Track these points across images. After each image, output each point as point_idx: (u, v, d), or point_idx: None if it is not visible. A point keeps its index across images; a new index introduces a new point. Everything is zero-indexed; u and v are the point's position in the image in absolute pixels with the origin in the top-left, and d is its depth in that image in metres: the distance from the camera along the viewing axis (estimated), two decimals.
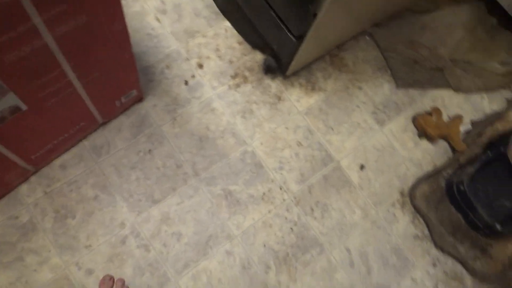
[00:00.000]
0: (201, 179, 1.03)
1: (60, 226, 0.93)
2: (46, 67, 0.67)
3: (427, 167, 1.15)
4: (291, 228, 1.04)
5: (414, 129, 1.18)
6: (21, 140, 0.79)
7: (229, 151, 1.07)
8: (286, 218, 1.04)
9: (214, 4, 1.19)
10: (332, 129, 1.14)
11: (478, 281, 1.07)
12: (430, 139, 1.16)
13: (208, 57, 1.14)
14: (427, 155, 1.16)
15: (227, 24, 1.18)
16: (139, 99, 1.05)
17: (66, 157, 0.98)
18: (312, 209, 1.06)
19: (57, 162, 0.97)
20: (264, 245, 1.01)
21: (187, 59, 1.12)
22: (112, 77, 0.85)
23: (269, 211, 1.04)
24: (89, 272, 0.91)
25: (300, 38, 0.96)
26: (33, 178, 0.95)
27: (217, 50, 1.15)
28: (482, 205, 1.05)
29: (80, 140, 1.00)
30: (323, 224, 1.05)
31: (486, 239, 1.09)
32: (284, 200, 1.05)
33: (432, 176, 1.12)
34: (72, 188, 0.96)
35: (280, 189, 1.06)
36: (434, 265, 1.07)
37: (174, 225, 0.98)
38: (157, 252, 0.95)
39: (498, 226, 1.03)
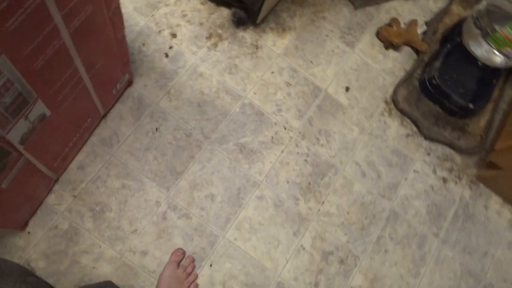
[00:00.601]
0: (213, 141, 1.08)
1: (101, 222, 0.95)
2: (63, 66, 0.67)
3: (400, 73, 1.28)
4: (305, 160, 1.13)
5: (380, 43, 1.29)
6: (45, 148, 0.79)
7: (229, 108, 1.12)
8: (298, 153, 1.13)
9: None
10: (312, 62, 1.22)
11: (465, 156, 1.26)
12: (396, 47, 1.28)
13: (178, 25, 1.15)
14: (397, 63, 1.29)
15: None
16: (130, 83, 1.05)
17: (80, 158, 0.98)
18: (317, 138, 1.16)
19: (73, 165, 0.97)
20: (287, 181, 1.10)
21: (159, 32, 1.13)
22: (111, 64, 0.85)
23: (282, 151, 1.12)
24: (144, 253, 0.96)
25: None
26: (55, 187, 0.95)
27: (184, 15, 1.16)
28: (454, 92, 1.20)
29: (88, 138, 0.99)
30: (330, 148, 1.16)
31: (462, 120, 1.26)
32: (291, 137, 1.14)
33: (406, 79, 1.25)
34: (98, 184, 0.97)
35: (285, 129, 1.14)
36: (428, 154, 1.23)
37: (204, 189, 1.04)
38: (198, 217, 1.01)
39: (470, 105, 1.20)
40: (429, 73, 1.22)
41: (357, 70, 1.25)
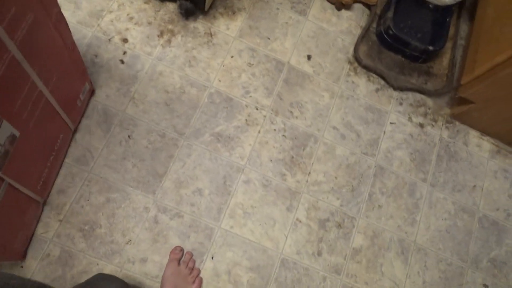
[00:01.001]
0: (188, 136, 1.07)
1: (93, 240, 0.94)
2: (20, 81, 0.65)
3: (356, 31, 1.29)
4: (283, 135, 1.13)
5: (331, 5, 1.29)
6: (24, 170, 0.77)
7: (197, 100, 1.11)
8: (274, 130, 1.13)
9: None
10: (269, 38, 1.21)
11: (435, 98, 1.28)
12: (347, 7, 1.29)
13: (127, 29, 1.12)
14: (352, 21, 1.30)
15: None
16: (92, 92, 1.03)
17: (58, 181, 0.96)
18: (290, 112, 1.16)
19: (53, 190, 0.95)
20: (271, 160, 1.10)
21: (109, 40, 1.10)
22: (68, 74, 0.83)
23: (259, 131, 1.12)
24: (143, 260, 0.95)
25: None
26: (41, 216, 0.93)
27: (131, 18, 1.14)
28: (412, 38, 1.22)
29: (63, 160, 0.97)
30: (305, 118, 1.16)
31: (426, 64, 1.28)
32: (265, 116, 1.14)
33: (364, 36, 1.26)
34: (82, 203, 0.96)
35: (257, 109, 1.14)
36: (401, 103, 1.25)
37: (190, 185, 1.03)
38: (190, 213, 1.01)
39: (430, 48, 1.21)
40: (384, 24, 1.23)
41: (314, 37, 1.25)
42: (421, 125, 1.24)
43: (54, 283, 0.88)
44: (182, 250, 0.98)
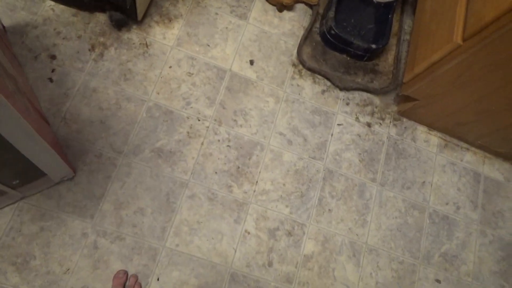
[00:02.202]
0: (127, 154, 1.03)
1: (28, 273, 0.89)
2: None
3: (299, 32, 1.26)
4: (228, 145, 1.10)
5: (272, 7, 1.26)
6: None
7: (134, 116, 1.06)
8: (218, 140, 1.10)
9: None
10: (208, 45, 1.17)
11: (382, 96, 1.27)
12: (288, 8, 1.26)
13: (54, 45, 1.06)
14: (294, 22, 1.27)
15: (50, 2, 1.09)
16: None
17: None
18: (234, 120, 1.13)
19: None
20: (215, 172, 1.07)
21: (35, 58, 1.04)
22: None
23: (202, 143, 1.09)
24: None
25: None
26: None
27: (58, 33, 1.07)
28: (354, 37, 1.20)
29: None
30: (250, 126, 1.14)
31: (371, 62, 1.27)
32: (207, 127, 1.10)
33: (307, 37, 1.24)
34: (13, 235, 0.91)
35: (199, 120, 1.10)
36: (347, 104, 1.24)
37: (130, 205, 0.99)
38: (132, 235, 0.97)
39: (373, 46, 1.20)
40: (326, 24, 1.20)
41: (256, 41, 1.22)
42: (369, 124, 1.23)
43: None
44: (126, 273, 0.94)
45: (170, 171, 1.04)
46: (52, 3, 1.08)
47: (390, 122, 1.25)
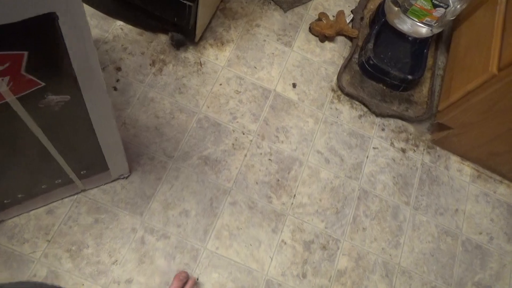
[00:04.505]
0: (177, 159, 1.11)
1: (80, 260, 0.95)
2: None
3: (339, 61, 1.36)
4: (269, 159, 1.17)
5: (315, 37, 1.37)
6: None
7: (186, 125, 1.15)
8: (260, 153, 1.17)
9: (98, 12, 1.23)
10: (255, 67, 1.28)
11: (416, 124, 1.33)
12: (330, 39, 1.36)
13: (120, 59, 1.19)
14: (335, 52, 1.37)
15: (120, 22, 1.23)
16: None
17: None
18: (276, 136, 1.20)
19: (42, 210, 0.98)
20: (256, 183, 1.14)
21: (104, 69, 1.16)
22: None
23: (245, 155, 1.16)
24: (129, 281, 0.96)
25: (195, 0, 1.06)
26: (27, 235, 0.95)
27: (125, 49, 1.20)
28: (392, 68, 1.28)
29: None
30: (290, 142, 1.21)
31: (407, 92, 1.34)
32: (251, 141, 1.18)
33: (346, 66, 1.33)
34: (70, 224, 0.98)
35: (243, 134, 1.18)
36: (383, 129, 1.30)
37: (177, 207, 1.06)
38: (176, 234, 1.03)
39: (409, 77, 1.28)
40: (365, 55, 1.30)
41: (299, 66, 1.32)
42: (403, 150, 1.28)
43: None
44: (187, 276, 0.98)
45: (214, 178, 1.11)
46: (122, 23, 1.22)
47: (423, 149, 1.30)
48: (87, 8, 1.22)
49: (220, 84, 1.23)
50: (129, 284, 0.96)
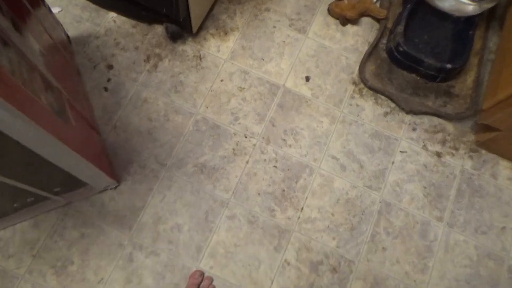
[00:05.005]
0: (170, 167, 1.01)
1: (65, 277, 0.91)
2: None
3: (363, 48, 1.15)
4: (274, 166, 1.04)
5: (335, 20, 1.18)
6: None
7: (181, 128, 1.04)
8: (265, 160, 1.04)
9: (90, 3, 1.13)
10: (263, 59, 1.12)
11: (457, 122, 1.11)
12: (352, 21, 1.16)
13: (113, 55, 1.09)
14: (358, 37, 1.17)
15: (113, 14, 1.12)
16: None
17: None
18: (283, 140, 1.06)
19: (27, 224, 0.93)
20: (259, 193, 1.01)
21: (94, 67, 1.07)
22: None
23: (247, 162, 1.03)
24: None
25: None
26: (12, 250, 0.91)
27: (117, 44, 1.10)
28: (426, 55, 1.06)
29: None
30: (299, 147, 1.06)
31: (446, 83, 1.12)
32: (254, 145, 1.05)
33: (371, 53, 1.13)
34: (55, 238, 0.93)
35: (246, 137, 1.05)
36: (414, 129, 1.10)
37: (168, 221, 0.97)
38: (167, 251, 0.94)
39: (448, 65, 1.05)
40: (394, 40, 1.09)
41: (314, 56, 1.14)
42: (438, 154, 1.08)
43: None
44: (202, 274, 0.93)
45: (211, 188, 1.00)
46: (115, 14, 1.12)
47: (465, 153, 1.09)
48: (79, 0, 1.12)
49: (222, 80, 1.09)
50: None
